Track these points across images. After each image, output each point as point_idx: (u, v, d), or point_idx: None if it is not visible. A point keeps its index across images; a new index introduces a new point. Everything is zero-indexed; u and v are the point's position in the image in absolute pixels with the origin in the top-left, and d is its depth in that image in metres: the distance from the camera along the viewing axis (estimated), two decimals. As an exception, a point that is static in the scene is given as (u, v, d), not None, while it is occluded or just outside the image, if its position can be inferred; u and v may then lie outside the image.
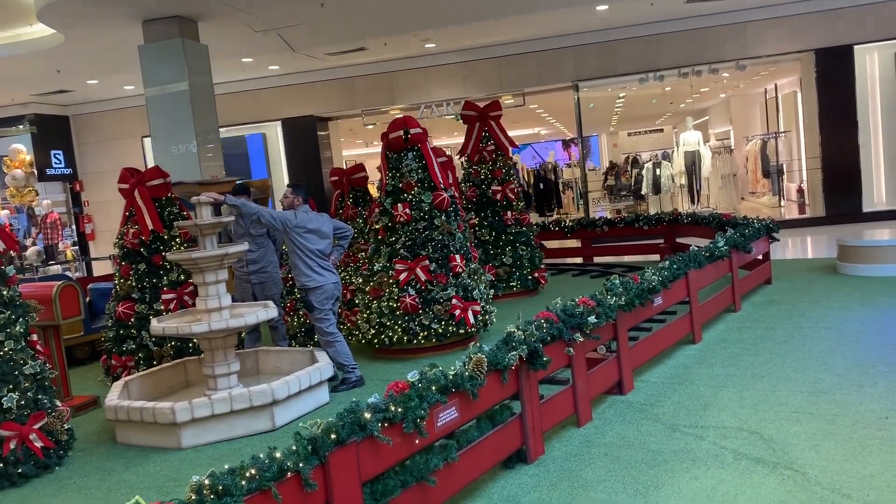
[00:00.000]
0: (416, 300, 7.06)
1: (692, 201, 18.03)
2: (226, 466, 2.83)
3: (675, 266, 6.62)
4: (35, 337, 5.36)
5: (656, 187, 17.58)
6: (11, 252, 5.31)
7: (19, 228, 16.01)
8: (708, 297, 7.34)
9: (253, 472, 2.87)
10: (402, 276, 7.11)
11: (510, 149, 10.23)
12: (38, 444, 5.01)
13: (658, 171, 17.66)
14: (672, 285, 6.43)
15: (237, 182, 8.86)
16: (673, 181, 17.92)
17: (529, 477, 4.27)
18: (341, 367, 6.49)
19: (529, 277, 9.75)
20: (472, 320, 7.16)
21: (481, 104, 10.23)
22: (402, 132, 7.35)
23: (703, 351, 6.52)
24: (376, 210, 7.58)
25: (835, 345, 6.27)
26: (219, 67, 12.14)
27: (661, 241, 11.79)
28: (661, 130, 25.54)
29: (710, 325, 7.21)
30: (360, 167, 9.45)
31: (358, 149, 24.17)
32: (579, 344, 4.94)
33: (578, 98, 15.49)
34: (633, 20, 14.13)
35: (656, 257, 11.57)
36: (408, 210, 7.23)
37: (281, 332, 7.51)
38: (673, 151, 18.76)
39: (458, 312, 7.08)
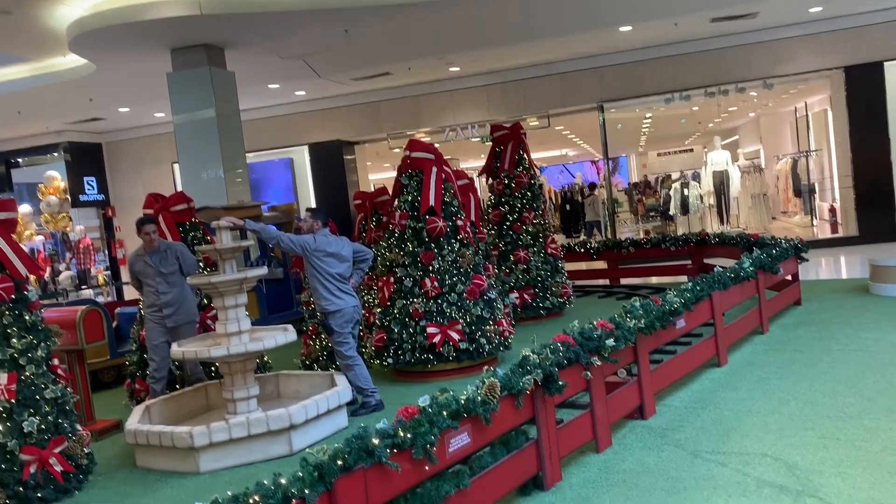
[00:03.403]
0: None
1: (721, 221, 17.79)
2: (228, 493, 2.81)
3: (698, 287, 6.51)
4: (57, 361, 5.43)
5: (684, 208, 17.39)
6: (38, 277, 5.40)
7: (55, 253, 16.35)
8: (734, 318, 7.20)
9: (257, 498, 2.86)
10: (380, 295, 7.51)
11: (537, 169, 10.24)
12: (58, 469, 5.05)
13: (686, 191, 17.47)
14: (695, 307, 6.30)
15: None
16: (701, 201, 17.72)
17: (545, 504, 4.19)
18: (361, 391, 6.47)
19: (553, 298, 9.66)
20: (455, 340, 7.12)
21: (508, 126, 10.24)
22: (408, 153, 7.53)
23: (728, 374, 6.37)
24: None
25: (865, 368, 6.09)
26: (246, 94, 12.35)
27: (689, 262, 11.62)
28: (691, 150, 25.32)
29: (736, 348, 7.06)
30: (383, 190, 9.47)
31: (384, 172, 24.32)
32: (597, 368, 4.85)
33: (604, 119, 15.43)
34: (658, 40, 14.08)
35: (684, 278, 11.39)
36: (403, 221, 7.40)
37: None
38: (701, 171, 18.57)
39: (437, 338, 7.08)
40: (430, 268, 7.30)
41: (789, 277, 8.80)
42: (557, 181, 24.44)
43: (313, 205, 16.46)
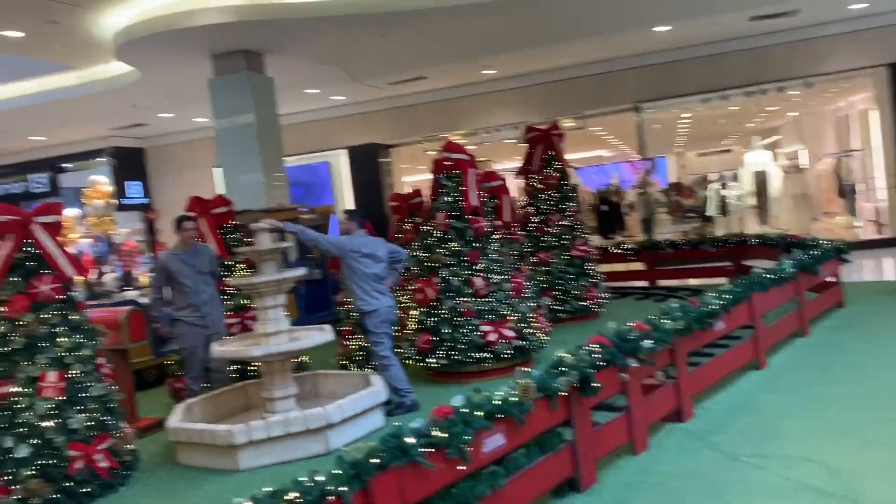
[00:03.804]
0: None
1: (761, 222, 17.49)
2: (267, 489, 2.87)
3: (737, 289, 6.43)
4: (102, 360, 5.58)
5: (723, 209, 17.14)
6: (84, 278, 5.56)
7: (99, 256, 16.73)
8: (774, 321, 7.09)
9: (295, 495, 2.91)
10: (420, 296, 7.37)
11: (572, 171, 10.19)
12: (104, 465, 5.19)
13: (725, 191, 17.22)
14: (734, 309, 6.23)
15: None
16: (740, 202, 17.45)
17: (581, 506, 4.18)
18: (396, 391, 6.52)
19: (574, 302, 9.59)
20: (510, 337, 7.15)
21: (542, 127, 10.23)
22: (445, 154, 7.57)
23: (768, 377, 6.28)
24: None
25: (910, 371, 5.95)
26: (285, 98, 12.51)
27: (728, 263, 11.46)
28: (730, 151, 24.95)
29: (776, 351, 6.95)
30: (418, 193, 9.55)
31: (420, 174, 24.40)
32: (634, 370, 4.83)
33: (641, 119, 15.30)
34: (695, 39, 13.91)
35: (723, 280, 11.23)
36: (447, 221, 7.39)
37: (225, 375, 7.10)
38: (741, 172, 18.29)
39: (492, 336, 7.10)
40: (476, 267, 7.34)
41: (831, 279, 8.63)
42: (593, 182, 24.22)
43: (351, 207, 16.62)
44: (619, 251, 12.43)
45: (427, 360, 7.32)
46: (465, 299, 7.23)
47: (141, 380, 8.41)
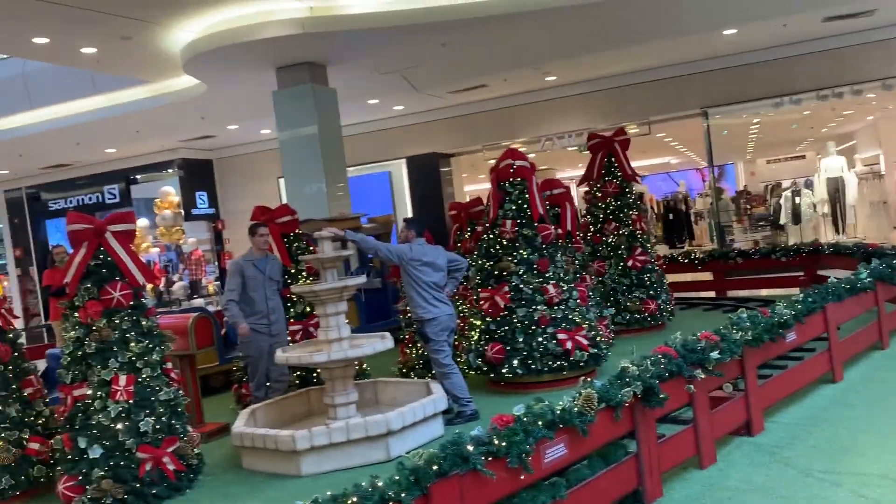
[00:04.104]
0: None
1: (837, 231, 16.84)
2: (328, 493, 2.87)
3: (810, 299, 6.19)
4: (170, 365, 5.72)
5: (796, 217, 16.57)
6: (154, 286, 5.71)
7: (168, 265, 17.29)
8: (850, 333, 6.78)
9: (355, 500, 2.91)
10: (486, 305, 7.22)
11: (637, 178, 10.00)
12: (171, 467, 5.31)
13: (798, 199, 16.66)
14: (807, 320, 6.00)
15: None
16: (815, 210, 16.85)
17: (645, 520, 4.07)
18: (456, 400, 6.49)
19: (626, 314, 9.36)
20: (586, 345, 7.05)
21: (606, 133, 10.09)
22: (508, 161, 7.50)
23: (843, 391, 6.01)
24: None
25: None
26: (347, 109, 12.69)
27: (801, 273, 11.06)
28: (804, 157, 24.14)
29: (852, 363, 6.65)
30: (478, 201, 9.51)
31: (479, 184, 24.39)
32: (701, 381, 4.69)
33: (708, 125, 14.94)
34: (765, 43, 13.52)
35: (795, 291, 10.84)
36: (515, 229, 7.31)
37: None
38: (814, 178, 17.68)
39: (569, 344, 7.00)
40: (547, 274, 7.28)
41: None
42: (660, 190, 23.78)
43: (410, 216, 16.72)
44: (687, 261, 12.14)
45: (500, 370, 7.12)
46: (540, 307, 7.15)
47: (207, 385, 8.61)
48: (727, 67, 14.26)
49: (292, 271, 7.59)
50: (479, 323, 7.42)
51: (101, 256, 5.47)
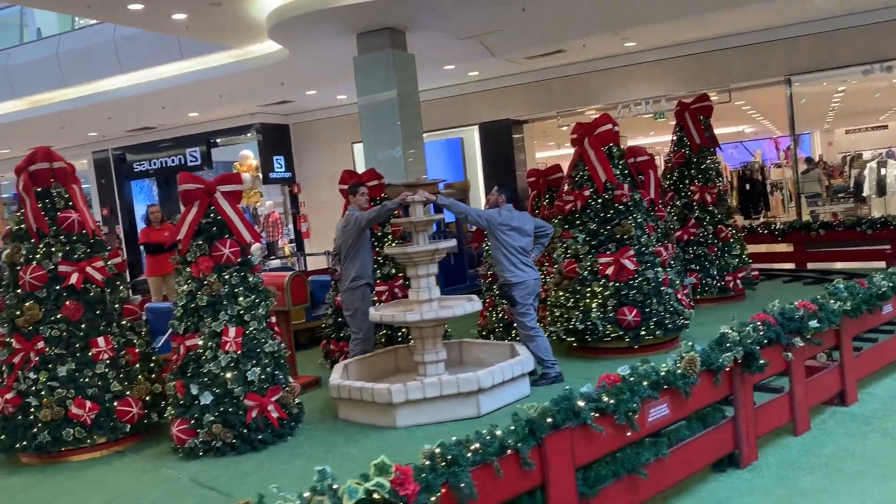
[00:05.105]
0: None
1: (924, 204, 16.20)
2: (453, 438, 3.05)
3: (908, 271, 6.08)
4: (274, 319, 6.01)
5: (881, 188, 16.00)
6: (258, 243, 5.97)
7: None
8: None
9: (477, 446, 3.08)
10: (610, 270, 7.19)
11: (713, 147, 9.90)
12: (275, 415, 5.61)
13: (883, 170, 16.06)
14: (904, 292, 5.90)
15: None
16: (901, 182, 16.21)
17: (742, 481, 4.16)
18: (541, 362, 6.63)
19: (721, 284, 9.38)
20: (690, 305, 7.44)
21: (686, 101, 9.98)
22: (609, 126, 7.56)
23: (940, 365, 5.92)
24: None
25: None
26: (423, 75, 12.77)
27: (887, 246, 10.77)
28: (885, 127, 23.18)
29: (949, 338, 6.51)
30: (556, 168, 9.55)
31: (550, 150, 24.25)
32: (798, 350, 4.71)
33: (791, 93, 14.50)
34: (855, 7, 12.97)
35: (880, 264, 10.58)
36: (629, 193, 7.48)
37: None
38: (900, 149, 17.00)
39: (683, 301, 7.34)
40: (652, 238, 7.48)
41: None
42: (733, 159, 23.19)
43: (481, 184, 16.79)
44: (766, 232, 11.94)
45: (639, 332, 7.04)
46: (659, 269, 7.28)
47: (295, 342, 8.94)
48: (814, 33, 13.75)
49: (378, 234, 7.80)
50: (598, 289, 7.25)
51: (212, 215, 5.76)
